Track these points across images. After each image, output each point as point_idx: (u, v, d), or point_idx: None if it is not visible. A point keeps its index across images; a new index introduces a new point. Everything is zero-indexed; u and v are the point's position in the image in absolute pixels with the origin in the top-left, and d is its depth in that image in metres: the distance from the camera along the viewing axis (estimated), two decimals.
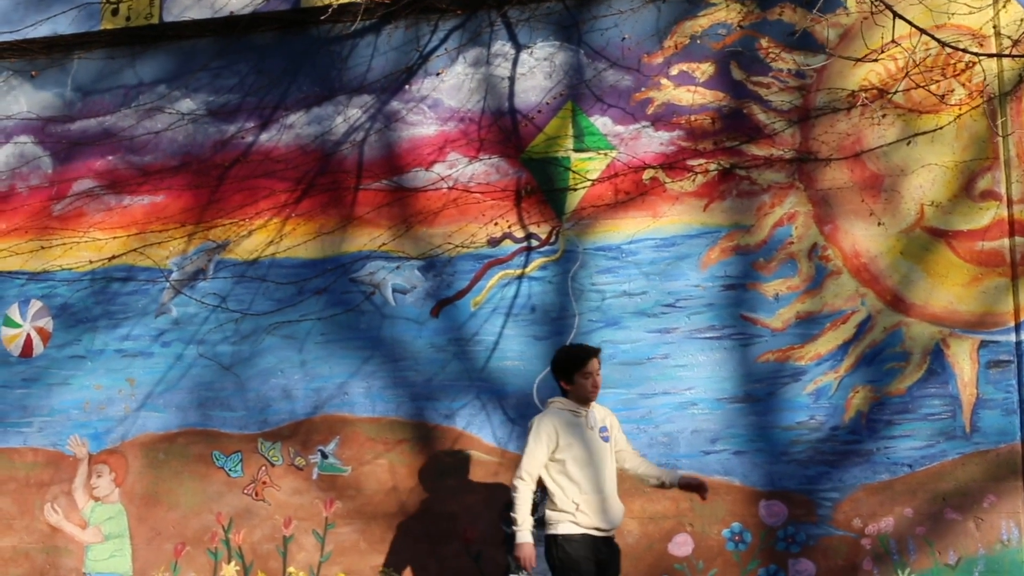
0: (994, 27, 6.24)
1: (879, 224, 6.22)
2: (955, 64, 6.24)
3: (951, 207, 6.16)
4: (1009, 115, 6.13)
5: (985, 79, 6.18)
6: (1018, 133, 6.14)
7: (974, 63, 6.21)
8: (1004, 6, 6.26)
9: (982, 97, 6.19)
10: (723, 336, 6.30)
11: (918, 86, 6.22)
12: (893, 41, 5.91)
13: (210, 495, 6.79)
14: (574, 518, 5.49)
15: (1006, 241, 6.09)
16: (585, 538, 5.49)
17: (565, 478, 5.51)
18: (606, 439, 5.63)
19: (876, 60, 6.10)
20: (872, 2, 5.85)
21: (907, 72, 6.10)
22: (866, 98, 6.30)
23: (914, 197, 6.21)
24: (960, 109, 6.21)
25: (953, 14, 6.28)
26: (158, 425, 6.92)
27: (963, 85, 6.25)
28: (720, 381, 6.27)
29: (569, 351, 5.68)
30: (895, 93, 6.24)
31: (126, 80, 7.26)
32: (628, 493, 5.90)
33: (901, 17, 5.50)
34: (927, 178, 6.20)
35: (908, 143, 6.24)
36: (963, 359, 6.08)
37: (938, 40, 5.72)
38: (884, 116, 6.28)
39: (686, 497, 6.15)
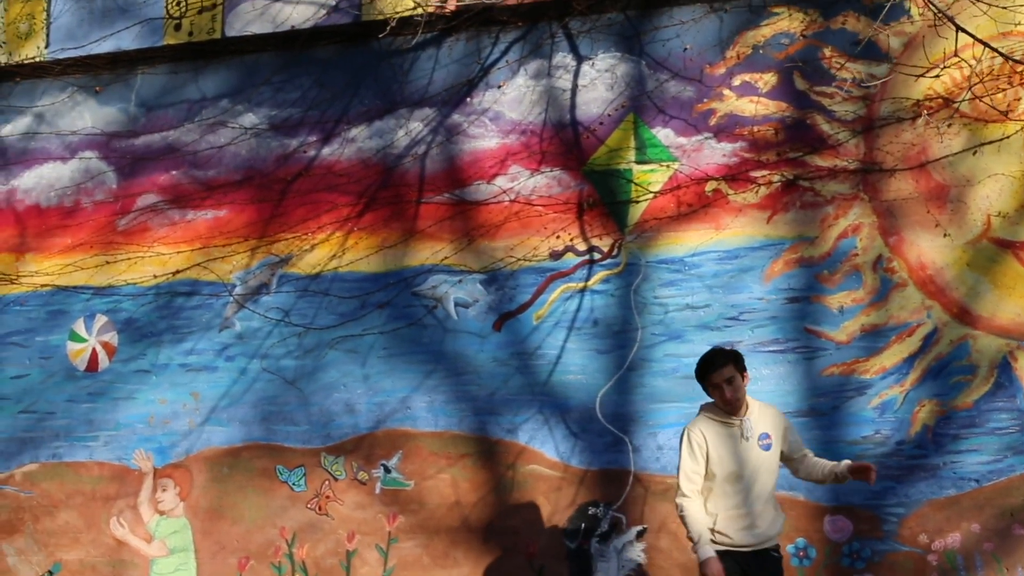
0: None
1: (945, 235, 6.15)
2: (1021, 73, 6.14)
3: (1018, 218, 6.09)
4: None
5: None
6: None
7: None
8: None
9: None
10: (787, 349, 6.25)
11: (978, 98, 6.12)
12: (955, 54, 5.83)
13: (274, 509, 6.82)
14: (711, 536, 5.17)
15: None
16: (725, 555, 5.16)
17: (709, 493, 5.24)
18: (767, 447, 5.24)
19: (937, 76, 6.02)
20: (935, 13, 5.76)
21: (970, 85, 6.01)
22: (931, 108, 6.21)
23: (980, 208, 6.13)
24: None
25: (1019, 23, 6.17)
26: (222, 439, 6.96)
27: None
28: (784, 395, 6.22)
29: (701, 359, 5.33)
30: (961, 103, 6.15)
31: (189, 95, 7.30)
32: None
33: (962, 29, 5.42)
34: (993, 188, 6.12)
35: (974, 153, 6.16)
36: None
37: (997, 51, 5.64)
38: (949, 126, 6.21)
39: None
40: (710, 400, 5.33)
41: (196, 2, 7.13)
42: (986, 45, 5.44)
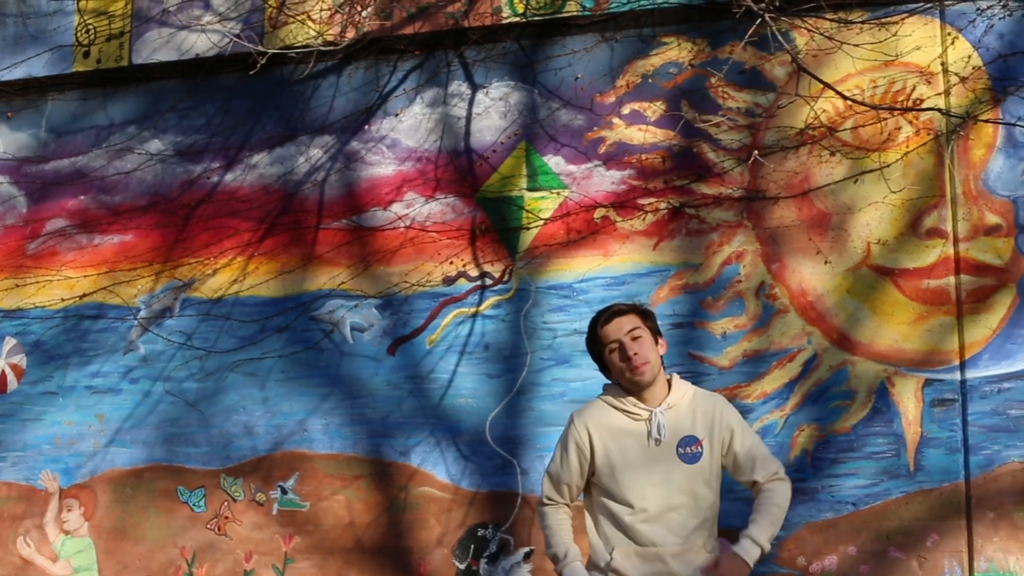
0: (942, 64, 6.24)
1: (826, 262, 6.25)
2: (902, 102, 6.25)
3: (897, 245, 6.19)
4: (956, 152, 6.14)
5: (932, 118, 6.18)
6: (964, 171, 6.14)
7: (921, 100, 6.23)
8: (953, 43, 6.26)
9: (929, 135, 6.19)
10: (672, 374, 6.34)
11: (860, 126, 6.23)
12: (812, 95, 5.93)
13: (175, 529, 6.94)
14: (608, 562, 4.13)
15: (952, 279, 6.11)
16: None
17: (605, 515, 4.20)
18: (692, 457, 4.12)
19: (814, 122, 6.13)
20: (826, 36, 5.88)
21: (847, 116, 6.13)
22: (814, 136, 6.32)
23: (860, 235, 6.24)
24: (907, 147, 6.22)
25: (900, 54, 6.28)
26: (126, 460, 7.08)
27: (910, 123, 6.26)
28: None
29: (589, 327, 4.30)
30: (842, 131, 6.26)
31: (98, 121, 7.43)
32: None
33: (808, 72, 5.53)
34: (874, 216, 6.23)
35: (856, 181, 6.27)
36: (908, 398, 6.11)
37: (840, 93, 5.76)
38: (832, 154, 6.31)
39: None
40: (615, 382, 4.28)
41: (104, 30, 7.26)
42: (828, 87, 5.54)
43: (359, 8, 6.74)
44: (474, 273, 6.64)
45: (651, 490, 4.13)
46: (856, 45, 6.22)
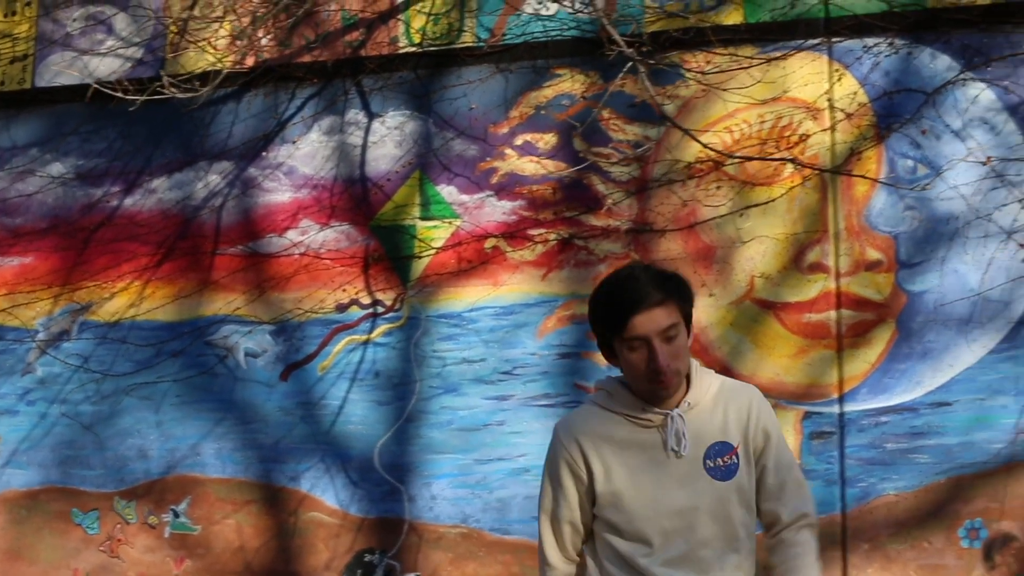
0: (828, 100, 6.32)
1: (710, 295, 6.33)
2: (788, 137, 6.34)
3: (780, 279, 6.27)
4: (839, 189, 6.23)
5: (818, 153, 6.27)
6: (847, 207, 6.22)
7: (808, 136, 6.31)
8: (839, 80, 6.34)
9: (814, 171, 6.27)
10: (557, 404, 6.44)
11: (745, 159, 6.31)
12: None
13: (68, 551, 6.99)
14: None
15: (832, 313, 6.18)
16: None
17: (612, 559, 3.19)
18: (724, 472, 3.15)
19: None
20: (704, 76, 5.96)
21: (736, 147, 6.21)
22: (701, 170, 6.40)
23: (745, 269, 6.32)
24: (792, 182, 6.30)
25: (788, 90, 6.36)
26: (22, 482, 7.12)
27: (795, 159, 6.34)
28: None
29: (610, 287, 3.23)
30: (728, 164, 6.34)
31: (1, 143, 7.47)
32: None
33: (669, 119, 5.59)
34: (758, 250, 6.31)
35: (741, 215, 6.34)
36: (787, 430, 6.19)
37: (698, 140, 5.84)
38: (719, 188, 6.38)
39: (516, 561, 6.29)
40: (612, 376, 3.33)
41: (8, 52, 7.30)
42: (687, 133, 5.62)
43: (259, 36, 6.79)
44: (366, 301, 6.71)
45: (672, 521, 3.11)
46: (737, 88, 6.27)
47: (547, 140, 6.64)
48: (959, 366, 6.10)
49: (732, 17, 6.41)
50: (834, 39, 6.38)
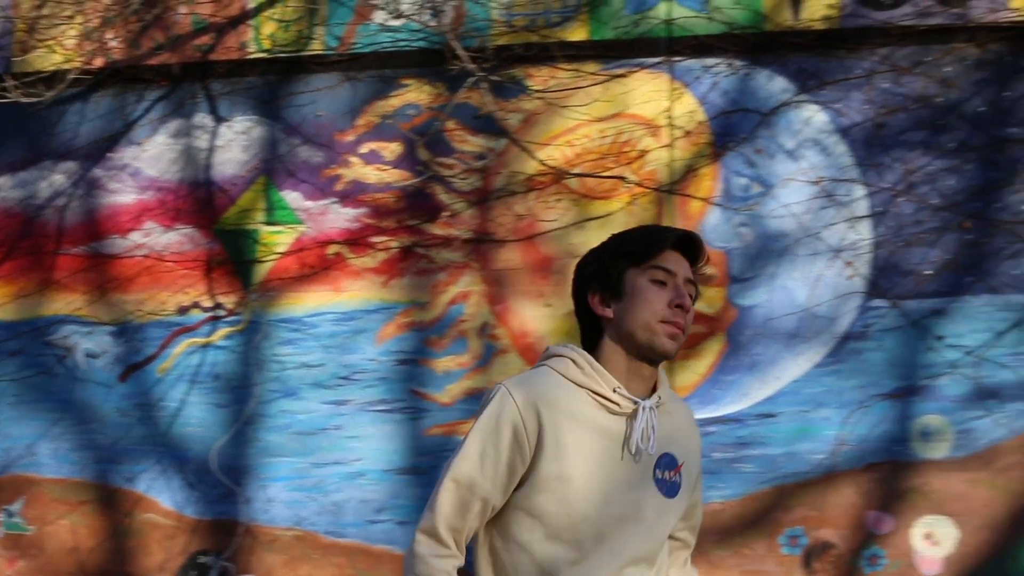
0: (668, 118, 6.47)
1: (547, 305, 6.43)
2: (628, 153, 6.47)
3: None
4: (675, 204, 6.37)
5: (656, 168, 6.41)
6: (682, 222, 6.37)
7: (647, 152, 6.45)
8: (679, 98, 6.49)
9: (651, 186, 6.42)
10: (394, 409, 6.50)
11: (584, 175, 6.43)
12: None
13: None
14: None
15: None
16: None
17: (520, 563, 2.65)
18: (669, 488, 2.76)
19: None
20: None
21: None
22: (542, 183, 6.51)
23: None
24: (630, 197, 6.44)
25: (629, 106, 6.50)
26: None
27: (634, 173, 6.47)
28: (389, 453, 6.47)
29: (632, 230, 2.97)
30: (567, 179, 6.46)
31: None
32: None
33: (524, 149, 5.69)
34: None
35: (580, 227, 6.46)
36: None
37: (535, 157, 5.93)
38: (559, 201, 6.50)
39: (350, 563, 6.34)
40: (572, 345, 2.84)
41: None
42: (524, 149, 5.73)
43: (108, 37, 6.79)
44: (208, 304, 6.72)
45: (611, 527, 2.64)
46: (579, 104, 6.40)
47: (392, 149, 6.71)
48: (785, 379, 6.28)
49: (577, 34, 6.54)
50: (675, 58, 6.53)
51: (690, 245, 2.80)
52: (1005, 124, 6.39)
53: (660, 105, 6.52)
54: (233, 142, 6.88)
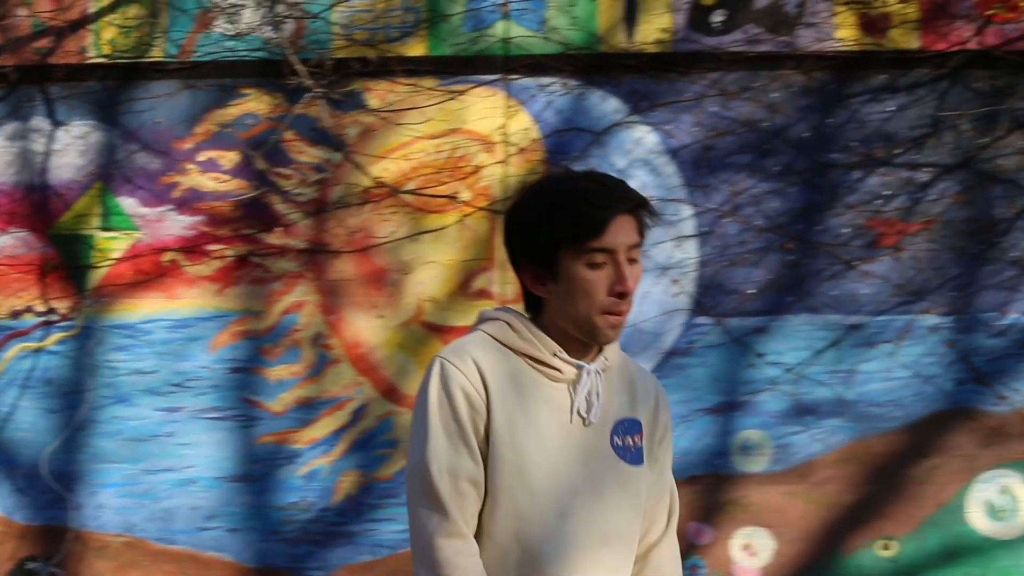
0: (503, 135, 6.59)
1: (380, 316, 6.52)
2: (463, 168, 6.58)
3: (448, 304, 6.51)
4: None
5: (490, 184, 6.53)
6: None
7: (481, 167, 6.57)
8: (514, 115, 6.61)
9: (486, 200, 6.53)
10: (227, 417, 6.55)
11: (418, 192, 6.54)
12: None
13: None
14: None
15: None
16: None
17: (486, 542, 2.41)
18: (633, 455, 2.50)
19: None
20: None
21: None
22: (379, 195, 6.60)
23: (414, 292, 6.54)
24: (463, 212, 6.55)
25: (466, 122, 6.61)
26: None
27: (469, 188, 6.59)
28: (220, 460, 6.52)
29: (557, 194, 2.45)
30: (404, 192, 6.56)
31: None
32: None
33: (357, 166, 5.78)
34: (428, 275, 6.54)
35: (414, 240, 6.56)
36: None
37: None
38: (394, 213, 6.59)
39: (179, 570, 6.39)
40: (506, 307, 2.64)
41: None
42: (357, 166, 5.82)
43: None
44: (41, 308, 6.72)
45: (580, 505, 2.41)
46: (417, 118, 6.51)
47: (230, 158, 6.75)
48: None
49: (416, 49, 6.64)
50: (512, 76, 6.65)
51: (638, 205, 2.48)
52: (828, 150, 6.60)
53: (495, 122, 6.64)
54: (70, 146, 6.87)
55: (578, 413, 2.44)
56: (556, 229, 2.41)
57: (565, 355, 2.46)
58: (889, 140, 6.60)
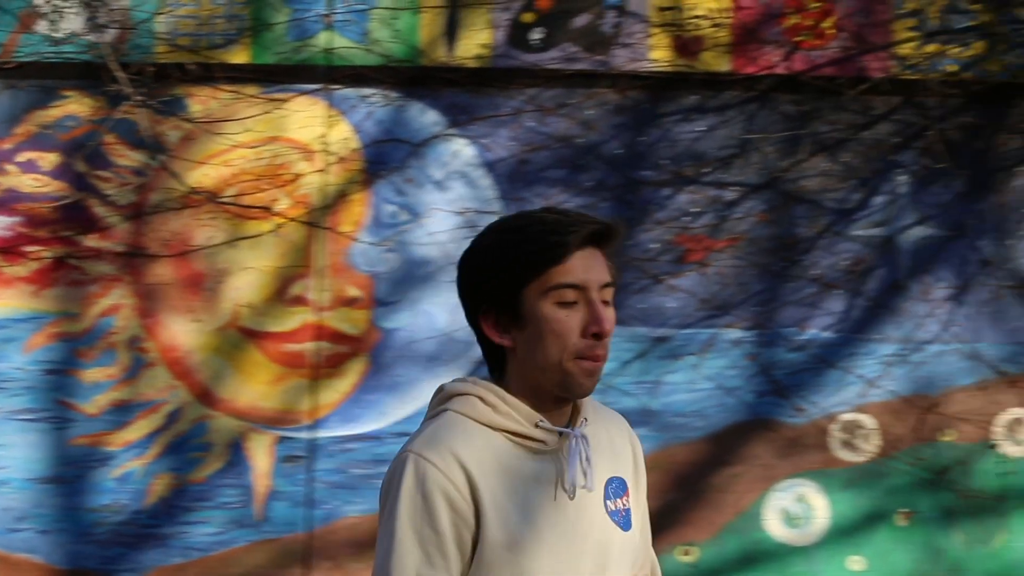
0: (323, 144, 6.68)
1: (196, 321, 6.60)
2: (283, 176, 6.67)
3: (264, 309, 6.60)
4: (326, 226, 6.60)
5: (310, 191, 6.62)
6: (331, 245, 6.60)
7: (301, 176, 6.66)
8: (335, 125, 6.71)
9: (305, 208, 6.63)
10: (40, 418, 6.58)
11: (236, 203, 6.62)
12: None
13: None
14: None
15: (311, 345, 6.55)
16: None
17: None
18: (624, 521, 2.30)
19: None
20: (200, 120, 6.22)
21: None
22: (199, 200, 6.67)
23: (231, 298, 6.62)
24: (282, 219, 6.64)
25: (287, 130, 6.69)
26: None
27: (289, 196, 6.68)
28: (33, 462, 6.55)
29: (518, 230, 2.24)
30: (220, 200, 6.63)
31: None
32: None
33: (173, 175, 5.84)
34: (245, 280, 6.62)
35: (232, 246, 6.63)
36: (261, 453, 6.53)
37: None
38: (213, 219, 6.66)
39: None
40: (475, 377, 2.35)
41: None
42: (173, 175, 5.89)
43: None
44: None
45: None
46: (237, 127, 6.58)
47: (50, 159, 6.77)
48: (423, 399, 6.48)
49: (239, 57, 6.71)
50: (333, 86, 6.75)
51: (604, 232, 2.20)
52: (639, 167, 6.80)
53: (316, 131, 6.74)
54: None
55: (569, 484, 2.17)
56: (518, 261, 2.17)
57: (547, 423, 2.21)
58: (698, 159, 6.80)
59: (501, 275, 2.18)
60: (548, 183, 6.77)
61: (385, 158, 6.75)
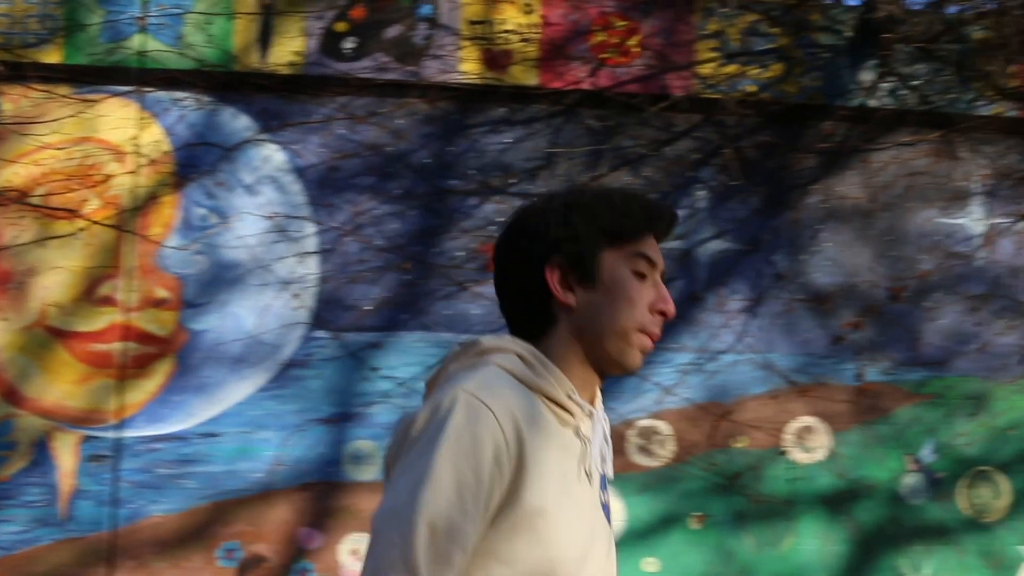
0: (135, 145, 6.74)
1: (3, 320, 6.64)
2: (94, 176, 6.73)
3: (73, 309, 6.66)
4: (135, 228, 6.67)
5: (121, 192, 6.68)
6: (141, 246, 6.68)
7: (112, 177, 6.72)
8: (147, 127, 6.78)
9: (114, 209, 6.69)
10: None
11: (45, 208, 6.66)
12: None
13: None
14: None
15: (118, 345, 6.63)
16: None
17: None
18: (608, 516, 2.15)
19: None
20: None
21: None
22: (8, 199, 6.70)
23: (39, 297, 6.67)
24: (91, 220, 6.70)
25: (99, 131, 6.75)
26: None
27: (98, 196, 6.74)
28: None
29: (614, 194, 2.15)
30: (32, 199, 6.67)
31: None
32: None
33: None
34: (54, 280, 6.67)
35: (41, 245, 6.68)
36: (66, 452, 6.60)
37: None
38: (22, 217, 6.70)
39: None
40: (510, 336, 2.14)
41: None
42: None
43: None
44: None
45: (597, 567, 2.04)
46: (48, 127, 6.62)
47: None
48: (229, 401, 6.71)
49: (52, 56, 6.74)
50: (146, 89, 6.82)
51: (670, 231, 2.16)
52: (447, 176, 6.96)
53: (127, 132, 6.81)
54: None
55: (586, 470, 2.06)
56: (604, 225, 2.08)
57: (578, 397, 2.09)
58: (505, 170, 6.98)
59: (586, 233, 2.07)
60: (357, 190, 6.90)
61: (196, 161, 6.84)
